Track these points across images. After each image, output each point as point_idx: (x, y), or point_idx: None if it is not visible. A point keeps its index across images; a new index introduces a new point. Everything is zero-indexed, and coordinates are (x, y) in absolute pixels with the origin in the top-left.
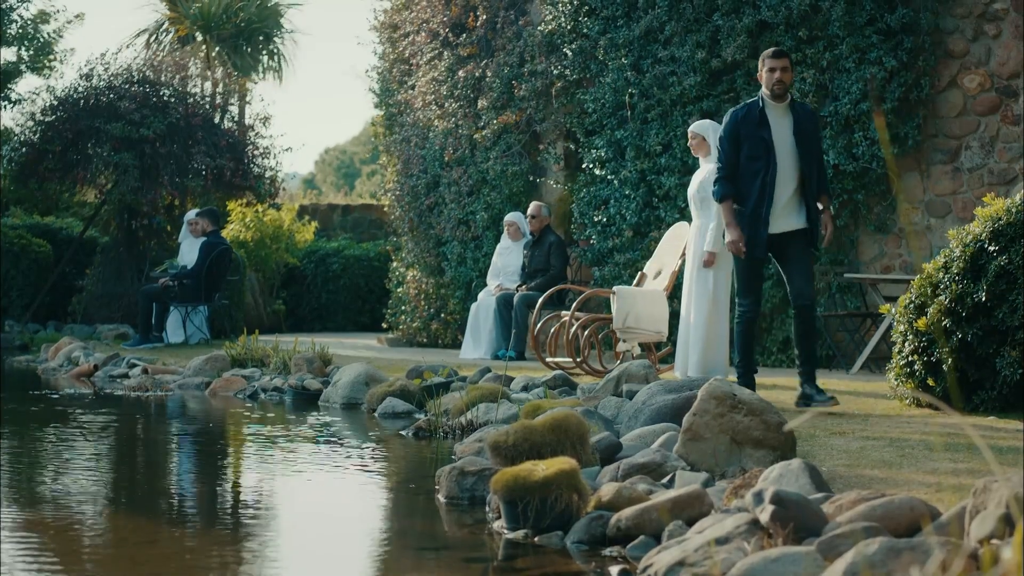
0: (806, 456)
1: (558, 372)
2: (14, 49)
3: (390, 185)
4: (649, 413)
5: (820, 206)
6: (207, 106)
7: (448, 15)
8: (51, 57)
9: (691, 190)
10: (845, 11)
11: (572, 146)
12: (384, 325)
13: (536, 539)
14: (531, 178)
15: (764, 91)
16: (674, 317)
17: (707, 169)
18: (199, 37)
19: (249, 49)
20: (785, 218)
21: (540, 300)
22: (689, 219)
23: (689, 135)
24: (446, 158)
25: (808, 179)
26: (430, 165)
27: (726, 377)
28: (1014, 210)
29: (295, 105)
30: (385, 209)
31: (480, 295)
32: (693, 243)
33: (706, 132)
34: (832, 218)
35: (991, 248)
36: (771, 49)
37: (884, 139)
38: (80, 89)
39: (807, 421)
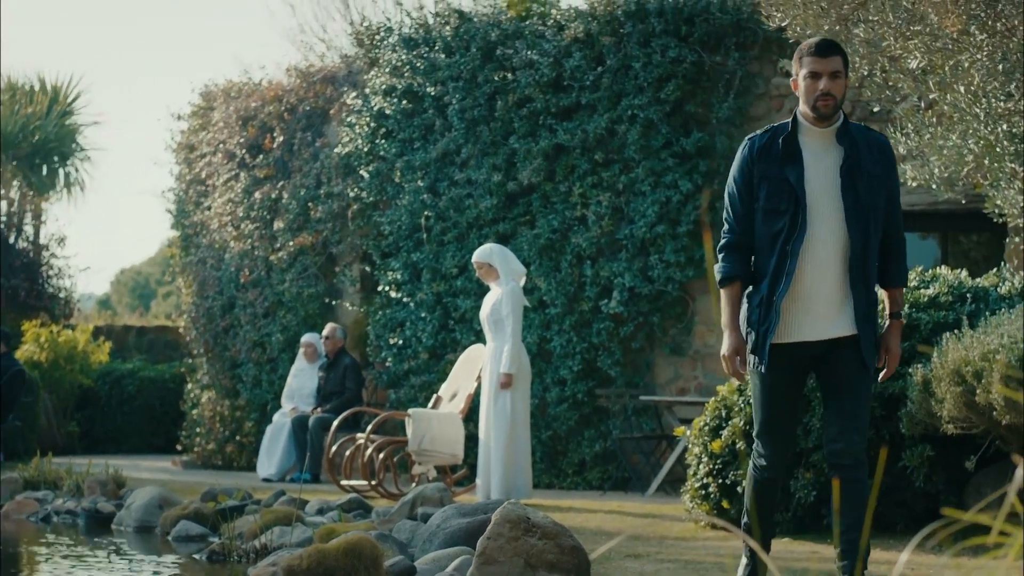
0: None
1: (353, 495)
2: None
3: (186, 306)
4: (444, 536)
5: (887, 305)
6: (1, 226)
7: (245, 136)
8: None
9: (483, 313)
10: (641, 135)
11: (368, 268)
12: (179, 447)
13: None
14: (327, 300)
15: (801, 107)
16: (471, 440)
17: (497, 292)
18: None
19: (45, 168)
20: (825, 317)
21: (335, 422)
22: (484, 341)
23: (475, 265)
24: (242, 280)
25: (865, 253)
26: (226, 287)
27: (529, 499)
28: None
29: (91, 225)
30: (181, 330)
31: (275, 417)
32: (488, 365)
33: (489, 258)
34: (898, 332)
35: None
36: (814, 40)
37: (709, 257)
38: None
39: (603, 545)
